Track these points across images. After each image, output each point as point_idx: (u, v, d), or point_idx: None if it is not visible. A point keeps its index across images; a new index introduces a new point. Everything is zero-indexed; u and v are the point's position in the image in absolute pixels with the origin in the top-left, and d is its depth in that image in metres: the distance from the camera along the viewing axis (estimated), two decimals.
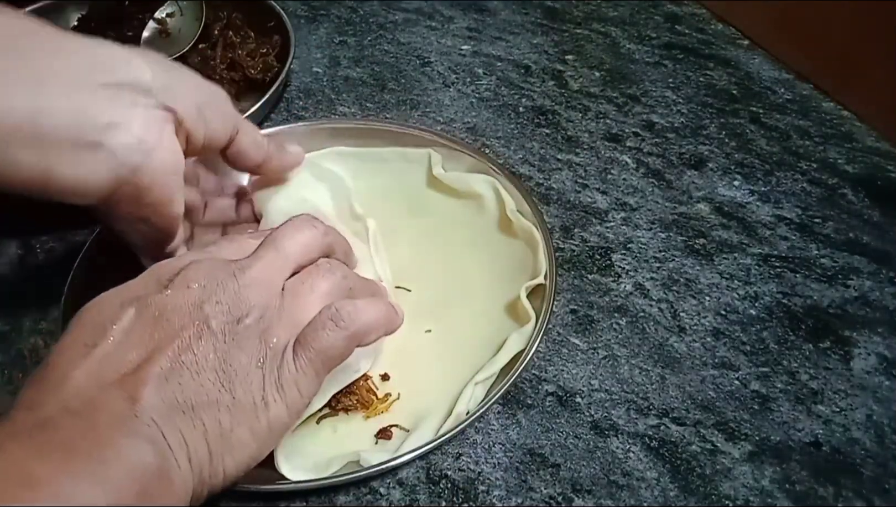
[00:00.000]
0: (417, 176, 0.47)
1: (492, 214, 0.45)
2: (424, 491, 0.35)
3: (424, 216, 0.47)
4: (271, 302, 0.29)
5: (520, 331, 0.38)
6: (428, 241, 0.45)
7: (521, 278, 0.41)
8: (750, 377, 0.40)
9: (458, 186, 0.46)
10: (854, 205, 0.51)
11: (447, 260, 0.44)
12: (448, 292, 0.43)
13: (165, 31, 0.58)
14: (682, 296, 0.44)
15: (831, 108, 0.59)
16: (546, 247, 0.41)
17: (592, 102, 0.60)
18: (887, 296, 0.44)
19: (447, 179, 0.46)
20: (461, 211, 0.46)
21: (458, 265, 0.44)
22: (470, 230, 0.45)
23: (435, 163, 0.47)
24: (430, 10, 0.71)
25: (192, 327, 0.26)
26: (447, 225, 0.46)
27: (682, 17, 0.71)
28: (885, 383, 0.40)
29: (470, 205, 0.46)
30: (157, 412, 0.24)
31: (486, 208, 0.45)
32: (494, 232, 0.45)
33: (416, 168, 0.47)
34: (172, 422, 0.25)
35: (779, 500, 0.35)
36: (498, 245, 0.44)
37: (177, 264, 0.29)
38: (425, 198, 0.47)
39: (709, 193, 0.51)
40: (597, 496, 0.35)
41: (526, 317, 0.39)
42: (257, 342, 0.27)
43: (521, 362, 0.36)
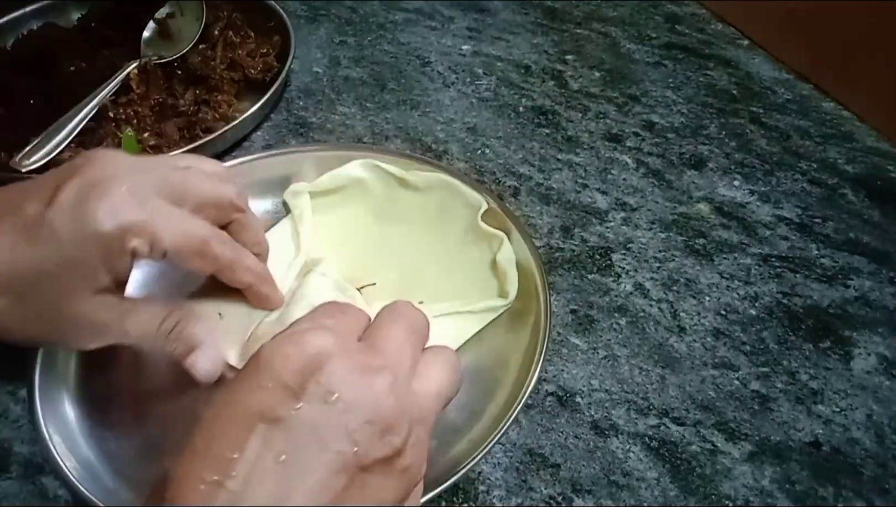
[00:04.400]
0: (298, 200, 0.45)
1: (384, 186, 0.45)
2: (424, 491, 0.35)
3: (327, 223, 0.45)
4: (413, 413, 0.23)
5: (501, 250, 0.39)
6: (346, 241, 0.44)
7: (460, 215, 0.42)
8: (750, 377, 0.40)
9: (335, 183, 0.45)
10: (854, 205, 0.51)
11: (379, 242, 0.44)
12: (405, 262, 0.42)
13: (165, 31, 0.58)
14: (682, 296, 0.44)
15: (831, 108, 0.59)
16: (466, 183, 0.42)
17: (592, 102, 0.60)
18: (887, 296, 0.44)
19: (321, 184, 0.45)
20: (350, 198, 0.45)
21: (392, 238, 0.43)
22: (375, 207, 0.45)
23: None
24: (430, 10, 0.71)
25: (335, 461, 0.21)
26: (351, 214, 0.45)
27: (682, 17, 0.71)
28: (885, 383, 0.40)
29: (357, 190, 0.45)
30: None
31: (373, 187, 0.45)
32: (402, 196, 0.44)
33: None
34: None
35: (779, 500, 0.35)
36: (415, 204, 0.44)
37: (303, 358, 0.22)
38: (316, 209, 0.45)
39: (709, 193, 0.51)
40: (597, 496, 0.35)
41: (496, 238, 0.40)
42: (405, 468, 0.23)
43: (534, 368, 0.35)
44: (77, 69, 0.55)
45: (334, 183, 0.45)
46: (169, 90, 0.55)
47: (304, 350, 0.22)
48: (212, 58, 0.56)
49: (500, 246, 0.40)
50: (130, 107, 0.52)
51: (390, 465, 0.22)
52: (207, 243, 0.31)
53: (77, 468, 0.32)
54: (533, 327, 0.37)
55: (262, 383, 0.22)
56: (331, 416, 0.21)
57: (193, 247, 0.30)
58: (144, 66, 0.54)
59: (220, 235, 0.32)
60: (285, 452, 0.20)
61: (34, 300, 0.29)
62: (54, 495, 0.34)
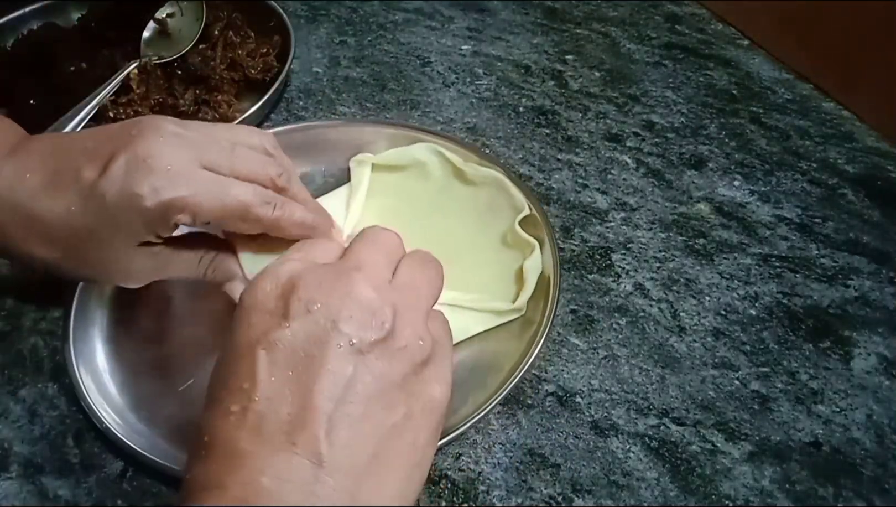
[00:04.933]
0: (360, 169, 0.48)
1: (442, 173, 0.47)
2: (424, 491, 0.35)
3: (381, 197, 0.47)
4: (397, 300, 0.26)
5: (531, 258, 0.40)
6: (395, 218, 0.45)
7: (504, 215, 0.43)
8: (750, 377, 0.40)
9: (399, 160, 0.47)
10: (854, 205, 0.51)
11: (424, 226, 0.44)
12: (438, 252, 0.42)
13: (165, 31, 0.58)
14: (682, 296, 0.44)
15: (831, 108, 0.59)
16: (516, 185, 0.43)
17: (592, 102, 0.60)
18: (887, 296, 0.44)
19: (386, 157, 0.47)
20: (411, 180, 0.47)
21: (435, 226, 0.44)
22: (429, 194, 0.46)
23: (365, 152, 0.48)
24: (430, 10, 0.71)
25: (336, 357, 0.23)
26: (405, 197, 0.46)
27: (682, 17, 0.71)
28: (885, 383, 0.40)
29: (417, 172, 0.47)
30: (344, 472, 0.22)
31: (433, 172, 0.47)
32: (456, 186, 0.46)
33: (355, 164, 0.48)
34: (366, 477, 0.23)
35: (779, 500, 0.35)
36: (465, 197, 0.45)
37: (277, 285, 0.25)
38: (375, 182, 0.47)
39: (709, 193, 0.51)
40: (597, 496, 0.35)
41: (528, 246, 0.41)
42: (403, 347, 0.25)
43: (524, 363, 0.36)
44: (77, 69, 0.55)
45: (398, 160, 0.47)
46: (169, 90, 0.55)
47: (278, 278, 0.25)
48: (212, 58, 0.56)
49: (530, 253, 0.41)
50: (130, 107, 0.52)
51: (386, 345, 0.24)
52: (248, 209, 0.32)
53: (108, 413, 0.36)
54: (532, 333, 0.38)
55: (250, 318, 0.25)
56: (318, 321, 0.24)
57: (234, 215, 0.32)
58: (144, 66, 0.54)
59: (264, 196, 0.33)
60: (291, 365, 0.23)
61: (86, 253, 0.32)
62: (54, 495, 0.34)
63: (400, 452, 0.24)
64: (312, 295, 0.24)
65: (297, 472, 0.22)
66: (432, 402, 0.25)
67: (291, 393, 0.23)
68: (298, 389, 0.23)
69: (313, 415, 0.22)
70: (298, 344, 0.23)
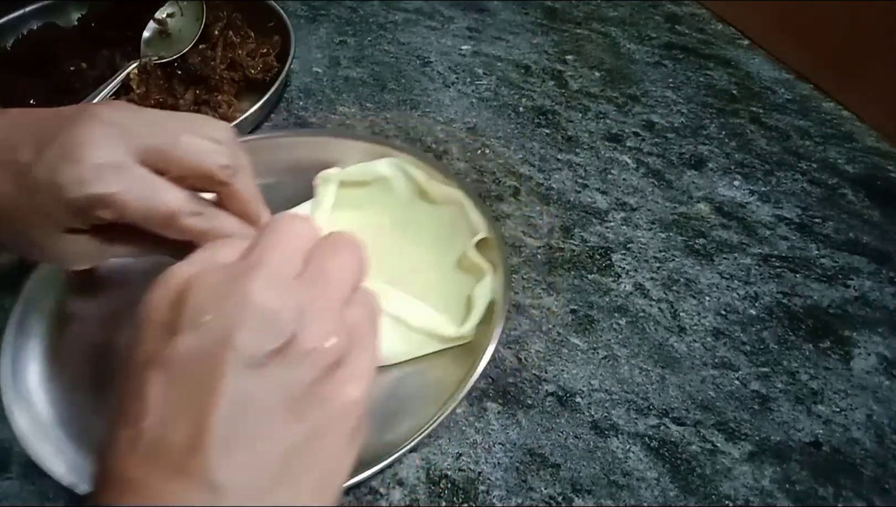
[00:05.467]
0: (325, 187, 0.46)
1: (406, 190, 0.46)
2: (424, 491, 0.35)
3: (341, 211, 0.46)
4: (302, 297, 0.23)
5: (481, 283, 0.39)
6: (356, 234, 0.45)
7: (463, 237, 0.42)
8: (750, 377, 0.40)
9: (363, 176, 0.46)
10: (854, 205, 0.51)
11: (384, 244, 0.43)
12: (395, 273, 0.41)
13: (165, 31, 0.58)
14: (682, 296, 0.44)
15: (831, 108, 0.59)
16: (478, 205, 0.43)
17: (592, 102, 0.60)
18: (887, 296, 0.44)
19: (350, 174, 0.46)
20: (375, 196, 0.46)
21: (394, 245, 0.44)
22: (391, 211, 0.46)
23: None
24: (430, 10, 0.71)
25: (231, 373, 0.21)
26: (366, 214, 0.46)
27: (682, 17, 0.71)
28: (885, 383, 0.40)
29: (381, 188, 0.46)
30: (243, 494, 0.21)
31: (396, 188, 0.46)
32: (418, 204, 0.46)
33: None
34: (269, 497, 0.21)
35: (779, 500, 0.35)
36: (427, 215, 0.45)
37: (167, 294, 0.23)
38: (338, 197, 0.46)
39: (709, 193, 0.51)
40: (597, 496, 0.35)
41: (481, 271, 0.40)
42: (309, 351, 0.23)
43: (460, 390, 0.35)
44: (77, 69, 0.55)
45: (362, 176, 0.46)
46: (169, 90, 0.55)
47: (168, 287, 0.23)
48: (212, 58, 0.56)
49: (482, 279, 0.40)
50: None
51: (287, 353, 0.22)
52: (175, 217, 0.31)
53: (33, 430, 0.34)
54: (472, 361, 0.37)
55: (142, 333, 0.23)
56: (209, 334, 0.21)
57: (160, 219, 0.30)
58: (144, 67, 0.54)
59: (195, 206, 0.31)
60: (183, 384, 0.21)
61: (22, 233, 0.31)
62: (54, 494, 0.34)
63: (311, 464, 0.22)
64: (203, 304, 0.22)
65: (192, 501, 0.20)
66: (346, 405, 0.23)
67: (184, 416, 0.21)
68: (191, 411, 0.21)
69: (208, 439, 0.20)
70: (189, 362, 0.21)
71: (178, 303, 0.22)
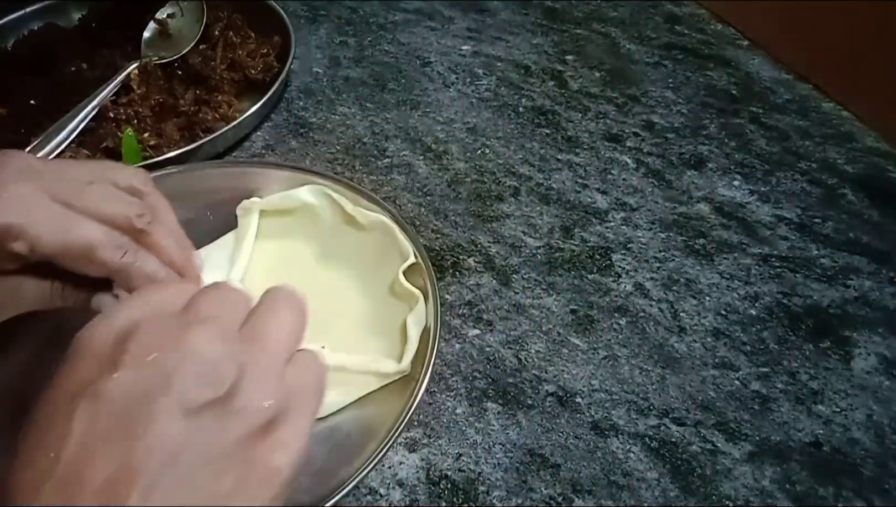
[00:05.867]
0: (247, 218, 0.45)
1: (332, 217, 0.44)
2: (424, 491, 0.35)
3: (266, 240, 0.45)
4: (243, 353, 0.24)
5: (414, 312, 0.38)
6: (282, 265, 0.43)
7: (392, 263, 0.40)
8: (750, 377, 0.40)
9: (287, 205, 0.44)
10: (854, 205, 0.51)
11: (308, 274, 0.43)
12: (324, 303, 0.39)
13: (166, 31, 0.58)
14: (682, 296, 0.44)
15: (831, 108, 0.59)
16: (404, 230, 0.41)
17: (592, 102, 0.60)
18: (887, 296, 0.44)
19: (272, 203, 0.45)
20: (300, 224, 0.44)
21: (323, 275, 0.43)
22: (317, 239, 0.44)
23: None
24: (430, 10, 0.71)
25: (165, 415, 0.21)
26: (292, 243, 0.44)
27: (682, 17, 0.71)
28: (885, 383, 0.40)
29: (305, 216, 0.45)
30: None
31: (322, 215, 0.44)
32: (345, 231, 0.44)
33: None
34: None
35: (779, 500, 0.35)
36: (355, 243, 0.43)
37: (113, 330, 0.23)
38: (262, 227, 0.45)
39: (709, 193, 0.51)
40: (597, 496, 0.35)
41: (413, 297, 0.39)
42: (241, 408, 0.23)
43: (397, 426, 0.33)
44: (77, 69, 0.55)
45: (285, 204, 0.44)
46: (169, 90, 0.55)
47: (115, 323, 0.23)
48: (212, 58, 0.56)
49: (414, 306, 0.39)
50: (131, 107, 0.52)
51: (221, 406, 0.22)
52: (93, 251, 0.30)
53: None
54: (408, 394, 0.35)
55: (78, 363, 0.22)
56: (151, 373, 0.21)
57: (77, 253, 0.29)
58: (145, 67, 0.54)
59: (116, 240, 0.31)
60: (113, 420, 0.21)
61: None
62: None
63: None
64: (148, 345, 0.22)
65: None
66: (270, 471, 0.23)
67: (109, 453, 0.20)
68: (118, 449, 0.20)
69: (130, 478, 0.20)
70: (124, 397, 0.21)
71: (123, 340, 0.22)
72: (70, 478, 0.20)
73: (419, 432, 0.37)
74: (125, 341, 0.22)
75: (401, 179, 0.52)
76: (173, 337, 0.22)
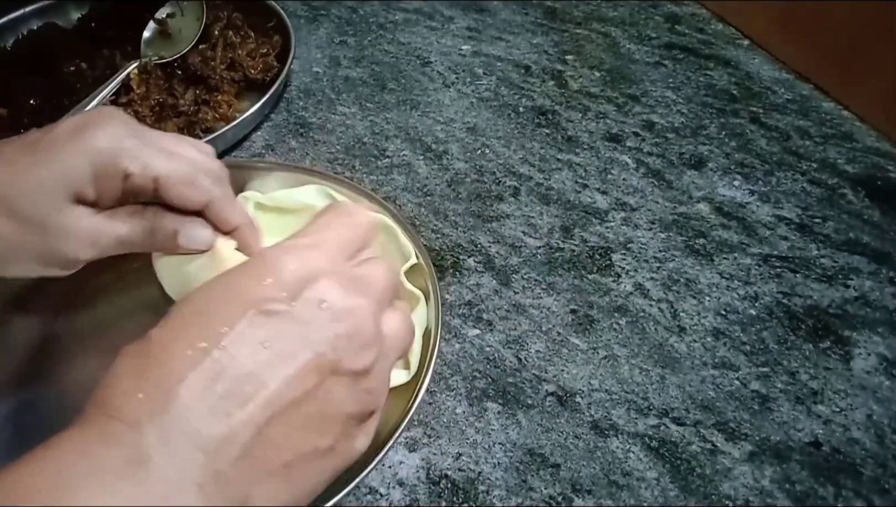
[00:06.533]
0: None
1: None
2: (424, 491, 0.35)
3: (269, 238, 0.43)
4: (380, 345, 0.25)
5: (414, 313, 0.37)
6: None
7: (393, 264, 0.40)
8: (750, 377, 0.40)
9: (288, 204, 0.44)
10: (854, 205, 0.51)
11: None
12: None
13: (166, 31, 0.58)
14: (682, 296, 0.44)
15: (831, 108, 0.59)
16: (405, 231, 0.41)
17: (592, 102, 0.60)
18: (887, 296, 0.44)
19: (275, 200, 0.44)
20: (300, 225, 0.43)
21: None
22: None
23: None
24: (430, 10, 0.71)
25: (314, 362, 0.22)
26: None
27: (682, 17, 0.71)
28: (885, 383, 0.40)
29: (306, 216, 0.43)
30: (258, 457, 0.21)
31: None
32: None
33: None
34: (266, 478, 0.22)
35: (779, 500, 0.35)
36: None
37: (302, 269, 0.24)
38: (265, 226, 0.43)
39: (709, 193, 0.51)
40: (597, 496, 0.35)
41: (414, 298, 0.38)
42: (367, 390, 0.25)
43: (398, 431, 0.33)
44: (77, 69, 0.55)
45: (286, 203, 0.44)
46: (169, 90, 0.55)
47: (304, 265, 0.24)
48: (212, 58, 0.56)
49: (416, 306, 0.38)
50: (131, 107, 0.52)
51: (357, 381, 0.24)
52: (197, 175, 0.31)
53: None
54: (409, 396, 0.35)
55: (262, 280, 0.24)
56: (319, 320, 0.23)
57: (184, 175, 0.31)
58: (144, 66, 0.54)
59: (210, 171, 0.32)
60: (271, 340, 0.22)
61: (26, 209, 0.30)
62: None
63: (305, 476, 0.23)
64: (328, 296, 0.24)
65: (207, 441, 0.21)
66: (353, 450, 0.25)
67: (254, 363, 0.22)
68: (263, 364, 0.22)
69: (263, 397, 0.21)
70: (290, 327, 0.23)
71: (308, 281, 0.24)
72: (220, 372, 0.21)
73: (419, 431, 0.37)
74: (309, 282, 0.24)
75: (401, 179, 0.52)
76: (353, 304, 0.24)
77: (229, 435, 0.21)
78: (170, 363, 0.21)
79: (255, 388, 0.21)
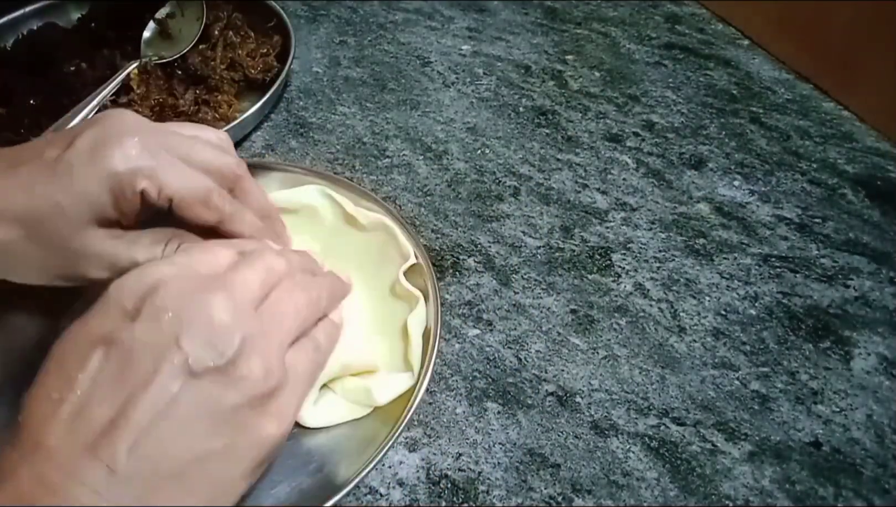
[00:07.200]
0: None
1: (333, 217, 0.44)
2: (424, 491, 0.35)
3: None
4: (252, 328, 0.25)
5: (414, 313, 0.38)
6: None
7: (393, 264, 0.41)
8: (750, 377, 0.40)
9: (289, 204, 0.44)
10: (854, 205, 0.51)
11: None
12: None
13: (166, 31, 0.58)
14: (682, 296, 0.44)
15: (831, 108, 0.59)
16: (404, 230, 0.41)
17: (592, 102, 0.60)
18: (887, 296, 0.44)
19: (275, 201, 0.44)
20: (303, 223, 0.44)
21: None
22: (318, 239, 0.44)
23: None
24: (430, 10, 0.71)
25: (168, 372, 0.23)
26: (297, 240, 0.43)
27: (682, 17, 0.71)
28: (885, 383, 0.40)
29: (306, 216, 0.44)
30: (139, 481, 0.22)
31: (322, 215, 0.44)
32: (347, 232, 0.44)
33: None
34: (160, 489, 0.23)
35: (779, 500, 0.35)
36: (357, 243, 0.43)
37: (141, 285, 0.25)
38: None
39: (709, 193, 0.51)
40: (597, 496, 0.35)
41: (413, 298, 0.39)
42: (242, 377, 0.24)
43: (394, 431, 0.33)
44: (77, 69, 0.55)
45: (287, 203, 0.44)
46: (169, 90, 0.55)
47: (143, 279, 0.25)
48: (212, 58, 0.56)
49: (415, 306, 0.38)
50: (130, 107, 0.52)
51: (224, 374, 0.24)
52: (211, 194, 0.32)
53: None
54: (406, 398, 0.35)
55: (104, 311, 0.25)
56: (162, 330, 0.24)
57: (198, 195, 0.31)
58: (144, 67, 0.54)
59: (223, 190, 0.33)
60: (123, 367, 0.23)
61: (47, 232, 0.31)
62: None
63: (208, 478, 0.24)
64: (167, 304, 0.24)
65: (91, 476, 0.22)
66: (262, 438, 0.25)
67: (112, 397, 0.23)
68: (121, 394, 0.23)
69: (125, 424, 0.22)
70: (135, 349, 0.23)
71: (147, 295, 0.24)
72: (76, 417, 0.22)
73: (419, 431, 0.37)
74: (149, 295, 0.24)
75: (401, 179, 0.52)
76: (191, 300, 0.25)
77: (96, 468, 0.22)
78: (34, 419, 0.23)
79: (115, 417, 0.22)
